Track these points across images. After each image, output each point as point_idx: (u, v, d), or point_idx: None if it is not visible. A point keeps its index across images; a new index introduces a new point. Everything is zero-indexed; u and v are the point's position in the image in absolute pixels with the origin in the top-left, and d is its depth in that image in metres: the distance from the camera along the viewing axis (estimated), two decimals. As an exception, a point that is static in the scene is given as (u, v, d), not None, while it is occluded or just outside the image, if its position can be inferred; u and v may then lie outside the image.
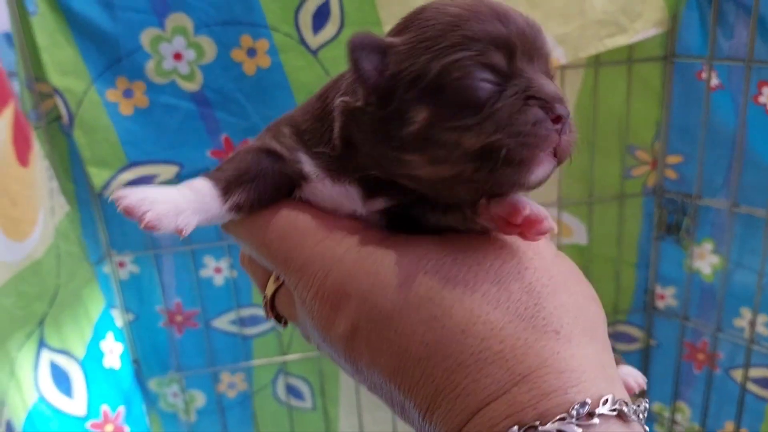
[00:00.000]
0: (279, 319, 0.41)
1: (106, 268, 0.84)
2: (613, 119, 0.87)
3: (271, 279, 0.39)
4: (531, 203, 0.31)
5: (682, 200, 0.88)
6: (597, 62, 0.83)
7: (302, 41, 0.75)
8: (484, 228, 0.33)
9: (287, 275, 0.34)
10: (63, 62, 0.71)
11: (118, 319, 0.86)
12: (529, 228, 0.31)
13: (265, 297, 0.40)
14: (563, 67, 0.82)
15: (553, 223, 0.31)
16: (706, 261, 0.89)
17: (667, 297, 0.94)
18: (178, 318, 0.88)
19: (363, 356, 0.31)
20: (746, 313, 0.87)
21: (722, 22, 0.79)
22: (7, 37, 0.70)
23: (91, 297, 0.78)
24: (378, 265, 0.31)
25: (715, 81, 0.82)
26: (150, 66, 0.74)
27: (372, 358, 0.30)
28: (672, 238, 0.90)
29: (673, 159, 0.88)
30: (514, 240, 0.32)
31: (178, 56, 0.74)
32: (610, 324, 0.95)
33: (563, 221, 0.91)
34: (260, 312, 0.88)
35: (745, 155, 0.82)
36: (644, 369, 0.98)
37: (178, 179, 0.80)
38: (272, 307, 0.40)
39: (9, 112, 0.63)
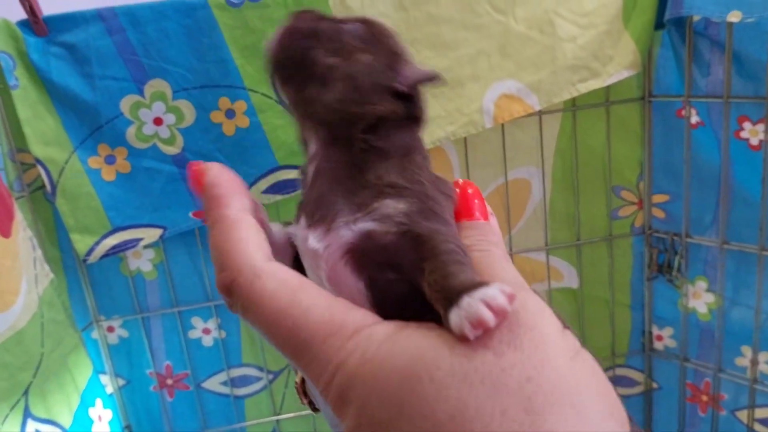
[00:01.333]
0: (311, 404, 0.39)
1: (95, 334, 0.84)
2: (595, 161, 0.87)
3: None
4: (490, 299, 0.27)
5: (671, 239, 0.87)
6: (574, 106, 0.83)
7: (280, 100, 0.76)
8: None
9: (298, 368, 0.32)
10: (45, 133, 0.73)
11: (108, 385, 0.85)
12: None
13: (296, 382, 0.39)
14: (540, 113, 0.82)
15: (507, 308, 0.27)
16: (701, 300, 0.87)
17: (665, 338, 0.93)
18: (169, 381, 0.87)
19: None
20: (747, 352, 0.85)
21: (698, 60, 0.80)
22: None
23: (78, 364, 0.77)
24: (377, 371, 0.29)
25: (695, 118, 0.82)
26: (131, 131, 0.75)
27: None
28: (665, 278, 0.89)
29: (659, 198, 0.88)
30: (519, 342, 0.28)
31: (158, 121, 0.75)
32: (608, 368, 0.93)
33: (552, 265, 0.90)
34: (251, 372, 0.87)
35: (733, 191, 0.81)
36: (647, 413, 0.96)
37: (161, 242, 0.80)
38: (304, 392, 0.39)
39: (-10, 184, 0.65)
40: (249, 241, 0.33)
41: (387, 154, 0.34)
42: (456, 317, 0.27)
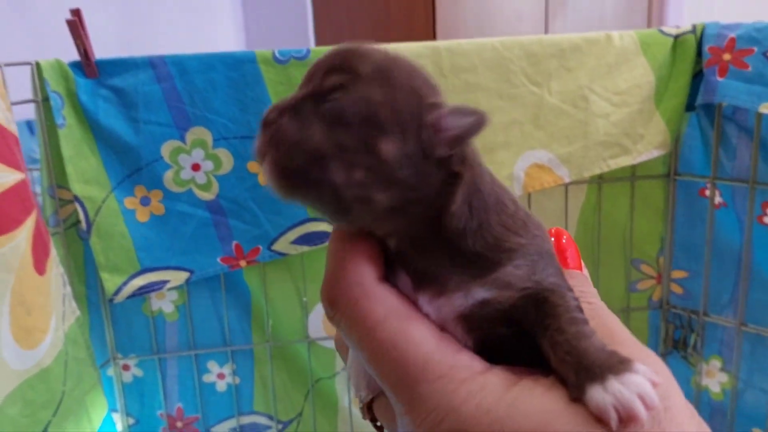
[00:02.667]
0: (374, 420, 0.37)
1: (110, 371, 0.83)
2: (617, 233, 0.88)
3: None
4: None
5: (688, 316, 0.88)
6: (600, 179, 0.85)
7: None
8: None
9: (395, 400, 0.30)
10: (86, 171, 0.74)
11: (118, 423, 0.85)
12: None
13: (362, 402, 0.38)
14: (567, 184, 0.84)
15: (658, 405, 0.26)
16: (714, 379, 0.88)
17: (676, 413, 0.93)
18: (179, 423, 0.87)
19: None
20: (758, 434, 0.85)
21: (725, 143, 0.82)
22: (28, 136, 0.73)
23: (95, 403, 0.77)
24: (494, 427, 0.28)
25: (718, 199, 0.84)
26: (168, 175, 0.76)
27: None
28: (679, 354, 0.90)
29: (678, 274, 0.89)
30: (659, 420, 0.27)
31: (196, 167, 0.77)
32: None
33: (570, 333, 0.91)
34: (261, 420, 0.87)
35: (752, 274, 0.83)
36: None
37: (187, 285, 0.81)
38: (369, 409, 0.37)
39: (31, 221, 0.65)
40: (365, 255, 0.31)
41: (473, 216, 0.31)
42: (601, 399, 0.26)
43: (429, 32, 1.91)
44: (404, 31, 1.96)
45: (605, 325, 0.31)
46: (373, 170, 0.29)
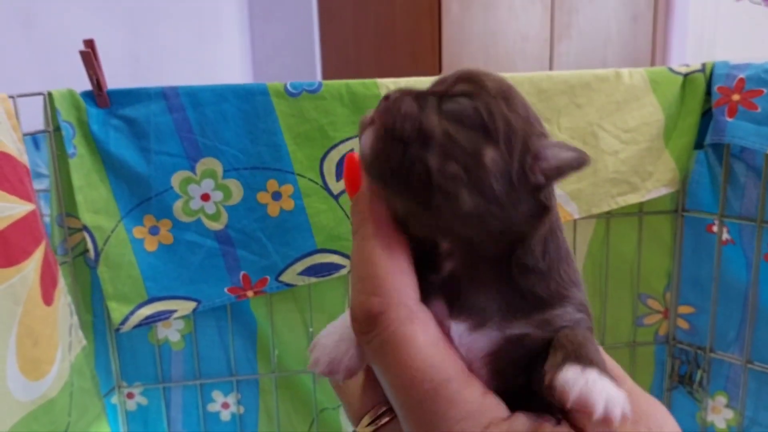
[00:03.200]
0: None
1: (114, 399, 0.83)
2: (624, 268, 0.88)
3: (371, 413, 0.36)
4: (603, 396, 0.27)
5: (695, 352, 0.88)
6: (608, 214, 0.85)
7: (325, 186, 0.78)
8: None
9: (410, 426, 0.30)
10: (95, 201, 0.74)
11: (122, 452, 0.84)
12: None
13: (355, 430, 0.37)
14: (575, 219, 0.84)
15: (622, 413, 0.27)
16: (720, 415, 0.88)
17: (681, 449, 0.92)
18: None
19: None
20: (763, 472, 0.85)
21: (732, 181, 0.82)
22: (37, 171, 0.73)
23: (99, 432, 0.77)
24: None
25: (726, 236, 0.84)
26: (178, 205, 0.76)
27: None
28: (685, 390, 0.89)
29: (685, 309, 0.89)
30: None
31: (206, 197, 0.77)
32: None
33: (575, 367, 0.90)
34: (265, 450, 0.86)
35: (759, 311, 0.83)
36: None
37: (193, 315, 0.81)
38: None
39: (40, 252, 0.65)
40: (408, 275, 0.31)
41: (545, 258, 0.32)
42: (572, 378, 0.27)
43: (435, 56, 1.92)
44: (410, 68, 1.96)
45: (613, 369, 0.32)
46: (469, 170, 0.29)
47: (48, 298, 0.67)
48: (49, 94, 0.70)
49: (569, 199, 0.80)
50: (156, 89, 0.73)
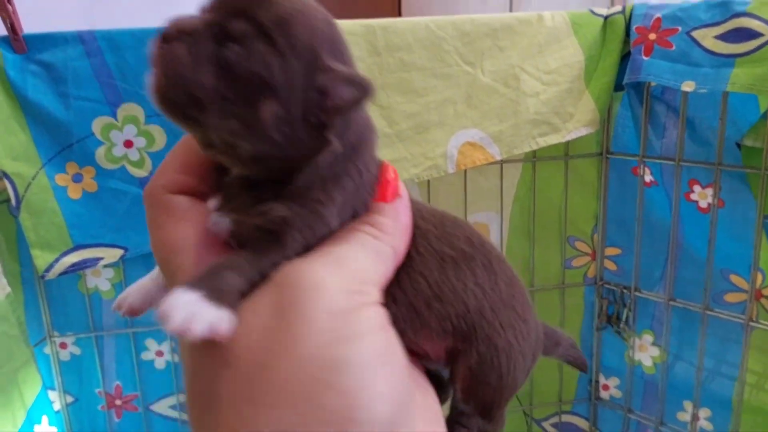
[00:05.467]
0: None
1: (47, 349, 0.83)
2: (552, 211, 0.90)
3: None
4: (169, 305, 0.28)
5: (621, 291, 0.90)
6: (535, 157, 0.87)
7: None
8: None
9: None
10: (14, 148, 0.73)
11: (56, 401, 0.85)
12: None
13: None
14: (502, 162, 0.85)
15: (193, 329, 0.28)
16: (647, 353, 0.90)
17: (611, 387, 0.95)
18: (118, 401, 0.87)
19: None
20: (689, 407, 0.88)
21: (654, 122, 0.84)
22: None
23: (27, 380, 0.77)
24: None
25: (649, 177, 0.86)
26: (100, 152, 0.76)
27: None
28: (613, 329, 0.92)
29: (612, 251, 0.91)
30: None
31: (128, 143, 0.77)
32: (555, 414, 0.95)
33: (506, 310, 0.92)
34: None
35: (681, 250, 0.85)
36: (591, 461, 0.97)
37: (121, 262, 0.81)
38: None
39: (-47, 195, 0.65)
40: (185, 166, 0.35)
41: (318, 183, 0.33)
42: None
43: (394, 11, 1.91)
44: (370, 11, 1.96)
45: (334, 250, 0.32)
46: (247, 124, 0.30)
47: (-35, 242, 0.67)
48: (-39, 39, 0.70)
49: (491, 141, 0.81)
50: (72, 33, 0.73)
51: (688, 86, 0.75)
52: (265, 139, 0.30)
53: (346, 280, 0.30)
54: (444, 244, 0.36)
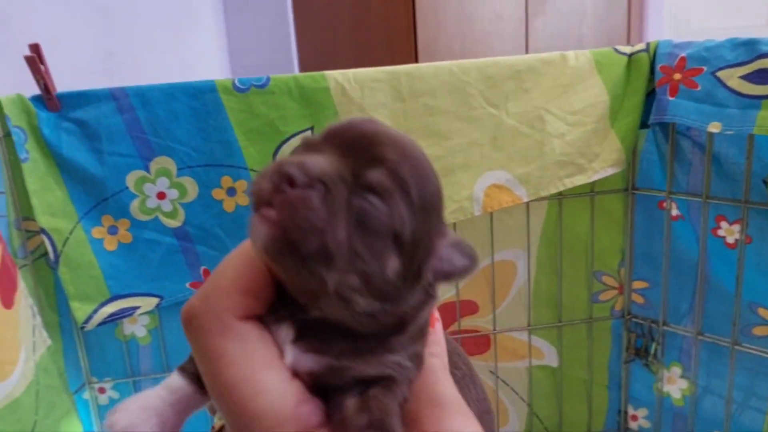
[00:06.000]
0: None
1: (86, 395, 0.85)
2: (579, 247, 0.90)
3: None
4: None
5: (649, 325, 0.91)
6: (560, 195, 0.87)
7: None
8: None
9: (230, 427, 0.31)
10: (51, 204, 0.75)
11: (96, 444, 0.87)
12: None
13: (213, 428, 0.40)
14: (527, 202, 0.86)
15: None
16: (675, 385, 0.91)
17: (639, 418, 0.95)
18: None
19: None
20: (718, 438, 0.88)
21: (680, 158, 0.84)
22: None
23: (69, 428, 0.79)
24: None
25: (675, 212, 0.86)
26: (135, 204, 0.78)
27: None
28: (641, 362, 0.92)
29: (639, 284, 0.91)
30: None
31: (161, 195, 0.78)
32: (584, 445, 0.96)
33: (534, 345, 0.93)
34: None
35: (709, 284, 0.85)
36: (621, 491, 0.98)
37: (158, 310, 0.83)
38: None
39: (-4, 257, 0.67)
40: (246, 294, 0.30)
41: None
42: None
43: (410, 40, 1.92)
44: (384, 34, 1.96)
45: (430, 379, 0.33)
46: (370, 281, 0.28)
47: (7, 301, 0.69)
48: (-2, 101, 0.71)
49: (518, 183, 0.82)
50: (104, 91, 0.75)
51: (714, 127, 0.75)
52: (383, 295, 0.29)
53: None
54: (452, 365, 0.37)
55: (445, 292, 0.90)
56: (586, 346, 0.93)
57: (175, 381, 0.36)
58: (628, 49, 0.83)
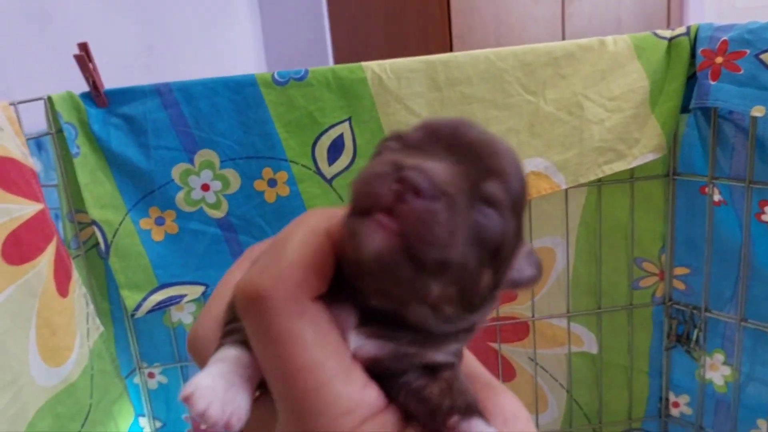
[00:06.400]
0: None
1: (136, 379, 0.89)
2: (618, 233, 0.90)
3: None
4: None
5: (691, 312, 0.90)
6: (599, 182, 0.87)
7: (318, 171, 0.81)
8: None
9: (291, 428, 0.29)
10: (101, 197, 0.78)
11: (146, 427, 0.90)
12: None
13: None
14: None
15: None
16: (718, 372, 0.90)
17: (681, 405, 0.95)
18: (203, 426, 0.92)
19: None
20: (762, 425, 0.87)
21: (722, 142, 0.83)
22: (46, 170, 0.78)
23: (122, 411, 0.83)
24: None
25: (717, 197, 0.85)
26: (180, 196, 0.80)
27: None
28: (683, 349, 0.91)
29: (680, 271, 0.90)
30: None
31: (205, 187, 0.80)
32: (625, 430, 0.96)
33: (573, 331, 0.93)
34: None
35: (752, 270, 0.84)
36: (663, 478, 0.98)
37: (203, 298, 0.85)
38: None
39: (51, 248, 0.70)
40: (315, 270, 0.29)
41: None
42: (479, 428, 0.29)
43: (445, 27, 1.91)
44: (419, 22, 1.96)
45: (470, 369, 0.34)
46: (465, 291, 0.28)
47: (63, 290, 0.72)
48: (49, 99, 0.74)
49: (556, 170, 0.82)
50: (150, 87, 0.77)
51: (758, 111, 0.74)
52: (470, 306, 0.29)
53: None
54: None
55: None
56: (626, 332, 0.93)
57: (239, 353, 0.32)
58: (668, 33, 0.82)
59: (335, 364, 0.29)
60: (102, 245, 0.79)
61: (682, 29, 0.81)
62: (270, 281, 0.28)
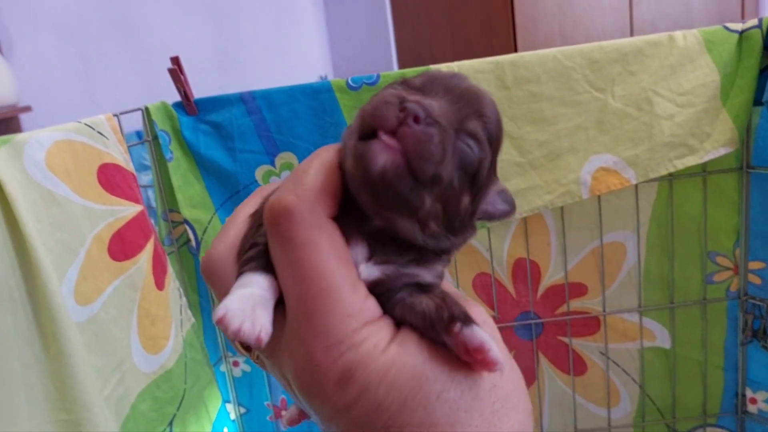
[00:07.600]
0: (249, 350, 0.41)
1: (223, 368, 0.95)
2: (691, 227, 0.89)
3: None
4: (494, 346, 0.33)
5: (767, 306, 0.88)
6: (671, 176, 0.87)
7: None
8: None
9: (301, 326, 0.34)
10: (192, 197, 0.85)
11: (231, 412, 0.96)
12: (481, 365, 0.33)
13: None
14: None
15: (501, 366, 0.33)
16: (797, 368, 0.88)
17: (758, 401, 0.94)
18: (283, 412, 0.97)
19: (343, 424, 0.33)
20: None
21: (798, 134, 0.82)
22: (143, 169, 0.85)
23: (211, 396, 0.89)
24: (390, 365, 0.33)
25: (794, 190, 0.84)
26: (262, 196, 0.86)
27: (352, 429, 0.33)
28: (759, 343, 0.90)
29: (755, 265, 0.89)
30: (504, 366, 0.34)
31: (285, 187, 0.85)
32: (699, 426, 0.95)
33: (645, 326, 0.93)
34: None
35: (832, 262, 0.82)
36: (740, 474, 0.97)
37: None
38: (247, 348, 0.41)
39: (150, 245, 0.77)
40: (332, 197, 0.34)
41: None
42: (480, 333, 0.33)
43: (509, 25, 1.91)
44: (483, 20, 1.97)
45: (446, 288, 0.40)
46: (448, 211, 0.35)
47: (160, 283, 0.79)
48: (146, 109, 0.81)
49: (626, 166, 0.82)
50: (236, 95, 0.83)
51: (836, 102, 0.73)
52: (450, 224, 0.35)
53: None
54: None
55: (554, 274, 0.92)
56: (700, 327, 0.93)
57: (259, 278, 0.36)
58: (739, 26, 0.81)
59: (345, 273, 0.34)
60: (193, 242, 0.86)
61: (754, 21, 0.81)
62: (295, 199, 0.34)
